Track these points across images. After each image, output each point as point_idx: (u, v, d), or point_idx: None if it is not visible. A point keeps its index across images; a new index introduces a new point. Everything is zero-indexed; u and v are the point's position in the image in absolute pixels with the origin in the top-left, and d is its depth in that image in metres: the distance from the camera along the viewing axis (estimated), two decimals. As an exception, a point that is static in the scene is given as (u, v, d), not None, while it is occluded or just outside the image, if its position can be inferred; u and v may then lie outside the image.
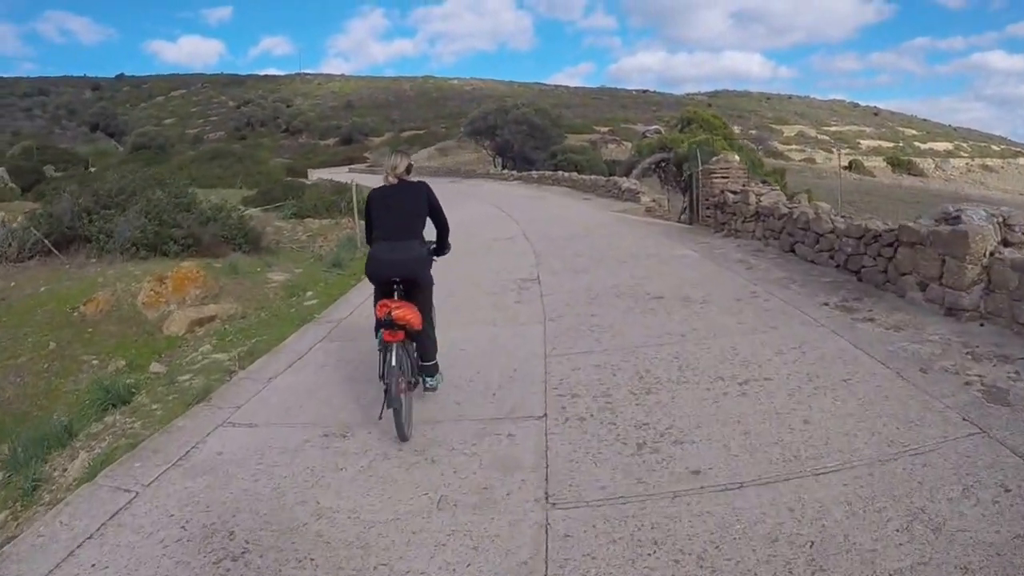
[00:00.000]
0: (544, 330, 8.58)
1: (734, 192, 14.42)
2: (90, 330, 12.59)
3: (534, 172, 39.58)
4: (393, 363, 5.43)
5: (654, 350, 7.36)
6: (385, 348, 5.60)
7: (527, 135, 52.98)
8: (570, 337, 8.16)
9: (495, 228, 19.01)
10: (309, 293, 13.24)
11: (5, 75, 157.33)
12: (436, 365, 6.39)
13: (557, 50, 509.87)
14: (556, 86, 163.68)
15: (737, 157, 15.62)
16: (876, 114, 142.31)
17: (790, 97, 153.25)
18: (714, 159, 15.76)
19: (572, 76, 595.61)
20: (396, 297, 5.84)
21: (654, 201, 22.71)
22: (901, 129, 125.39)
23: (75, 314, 13.10)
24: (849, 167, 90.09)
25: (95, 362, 11.37)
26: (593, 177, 30.65)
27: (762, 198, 13.46)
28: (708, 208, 15.57)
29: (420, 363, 6.14)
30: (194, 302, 12.90)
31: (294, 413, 6.64)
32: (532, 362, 7.37)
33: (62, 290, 14.28)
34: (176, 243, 16.04)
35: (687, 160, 30.02)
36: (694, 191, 18.95)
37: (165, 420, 6.94)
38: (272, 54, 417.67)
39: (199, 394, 7.51)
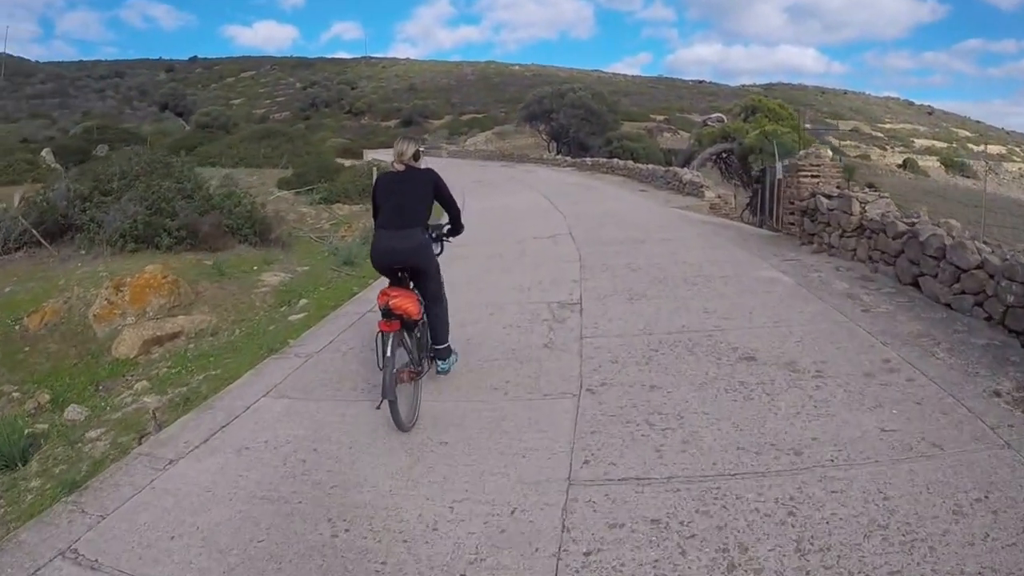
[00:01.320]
0: (576, 414, 5.39)
1: (828, 196, 11.01)
2: (27, 348, 10.03)
3: (588, 159, 36.07)
4: (388, 353, 5.05)
5: (753, 487, 4.13)
6: (382, 338, 5.14)
7: (583, 120, 49.31)
8: (614, 436, 4.96)
9: (538, 223, 15.85)
10: (302, 302, 10.51)
11: (86, 59, 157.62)
12: (448, 348, 6.16)
13: (616, 40, 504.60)
14: (614, 74, 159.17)
15: (830, 152, 12.20)
16: (930, 113, 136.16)
17: (845, 92, 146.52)
18: (801, 153, 12.38)
19: (631, 66, 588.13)
20: (400, 285, 5.67)
21: (719, 197, 19.17)
22: (955, 130, 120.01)
23: (17, 327, 10.47)
24: (903, 166, 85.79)
25: (16, 394, 8.82)
26: (651, 166, 26.97)
27: (867, 207, 10.08)
28: (792, 213, 12.16)
29: (431, 346, 6.00)
30: (158, 313, 10.21)
31: (157, 552, 3.97)
32: (544, 496, 4.23)
33: (21, 293, 11.64)
34: (169, 235, 13.27)
35: (753, 152, 26.80)
36: (768, 190, 15.65)
37: (27, 515, 4.68)
38: (343, 39, 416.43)
39: (83, 475, 5.19)
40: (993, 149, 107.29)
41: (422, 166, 6.00)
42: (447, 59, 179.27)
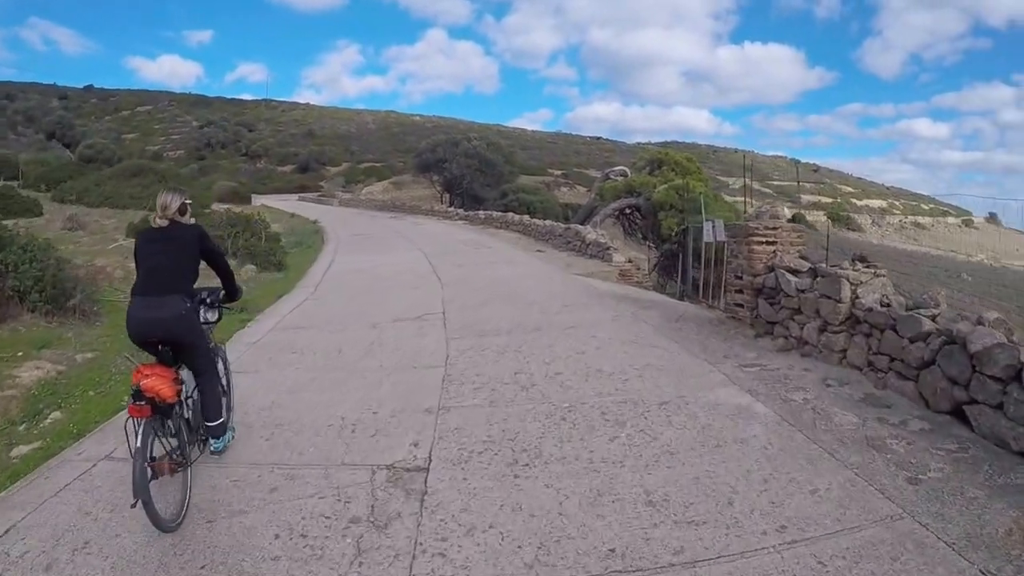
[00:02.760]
0: None
1: (794, 272, 7.75)
2: None
3: (481, 212, 32.37)
4: (139, 443, 4.08)
5: None
6: (132, 425, 4.22)
7: (477, 170, 45.96)
8: None
9: (408, 295, 12.16)
10: (52, 417, 6.95)
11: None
12: (223, 425, 5.15)
13: (519, 96, 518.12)
14: (515, 128, 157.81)
15: (787, 212, 8.99)
16: (816, 171, 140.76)
17: (735, 151, 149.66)
18: (751, 213, 9.16)
19: (532, 121, 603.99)
20: (162, 360, 4.72)
21: (630, 262, 15.70)
22: (839, 186, 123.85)
23: None
24: (793, 220, 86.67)
25: None
26: (549, 223, 23.35)
27: (860, 291, 6.83)
28: (740, 291, 8.84)
29: (204, 423, 5.02)
30: None
31: None
32: None
33: None
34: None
35: (663, 208, 23.92)
36: (692, 254, 12.55)
37: None
38: (248, 80, 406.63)
39: None
40: (875, 203, 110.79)
41: (188, 222, 5.05)
42: (349, 106, 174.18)
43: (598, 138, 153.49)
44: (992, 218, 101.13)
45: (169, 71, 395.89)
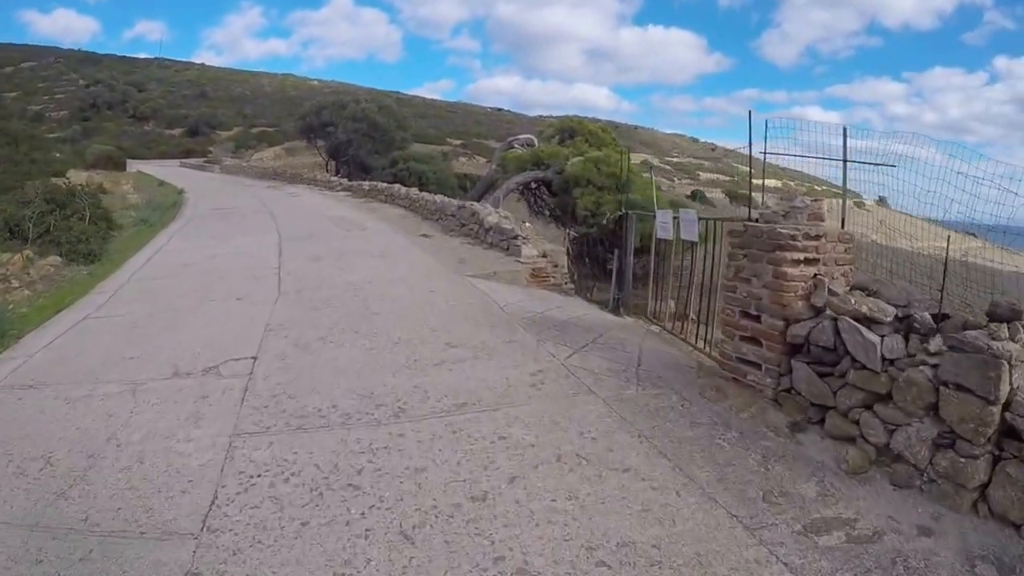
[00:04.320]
0: None
1: (872, 322, 4.20)
2: None
3: (366, 183, 27.92)
4: None
5: None
6: None
7: (365, 135, 40.96)
8: None
9: (220, 319, 8.16)
10: None
11: None
12: None
13: (421, 65, 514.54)
14: (414, 96, 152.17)
15: (825, 206, 5.38)
16: (713, 150, 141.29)
17: (635, 127, 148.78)
18: (772, 210, 5.49)
19: (432, 91, 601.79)
20: None
21: (545, 257, 11.83)
22: (736, 165, 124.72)
23: None
24: (692, 196, 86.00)
25: None
26: (440, 199, 19.11)
27: (1015, 377, 3.40)
28: (758, 341, 5.13)
29: None
30: None
31: None
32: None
33: None
34: None
35: (579, 184, 20.44)
36: (630, 254, 9.33)
37: None
38: (146, 39, 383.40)
39: None
40: (771, 183, 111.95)
41: None
42: (249, 69, 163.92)
43: (499, 109, 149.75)
44: (882, 201, 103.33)
45: (63, 27, 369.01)
